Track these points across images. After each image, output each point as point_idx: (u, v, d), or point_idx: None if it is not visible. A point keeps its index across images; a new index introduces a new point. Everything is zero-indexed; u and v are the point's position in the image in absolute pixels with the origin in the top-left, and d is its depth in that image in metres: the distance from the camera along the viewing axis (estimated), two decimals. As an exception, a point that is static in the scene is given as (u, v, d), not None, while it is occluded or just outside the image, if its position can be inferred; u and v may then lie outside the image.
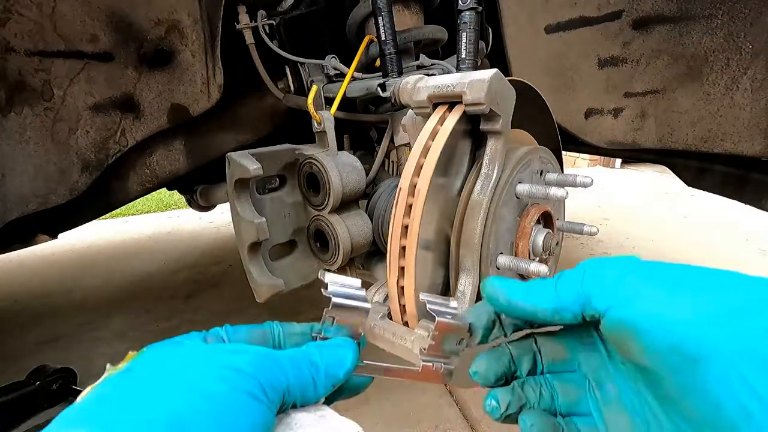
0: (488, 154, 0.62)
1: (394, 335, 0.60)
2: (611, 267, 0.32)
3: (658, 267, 0.31)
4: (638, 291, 0.30)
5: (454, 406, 1.53)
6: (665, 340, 0.27)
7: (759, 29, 0.98)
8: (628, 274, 0.31)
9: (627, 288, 0.30)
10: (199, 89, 1.07)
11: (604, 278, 0.32)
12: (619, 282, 0.31)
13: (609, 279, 0.31)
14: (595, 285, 0.32)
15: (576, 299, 0.33)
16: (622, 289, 0.30)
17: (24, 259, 3.21)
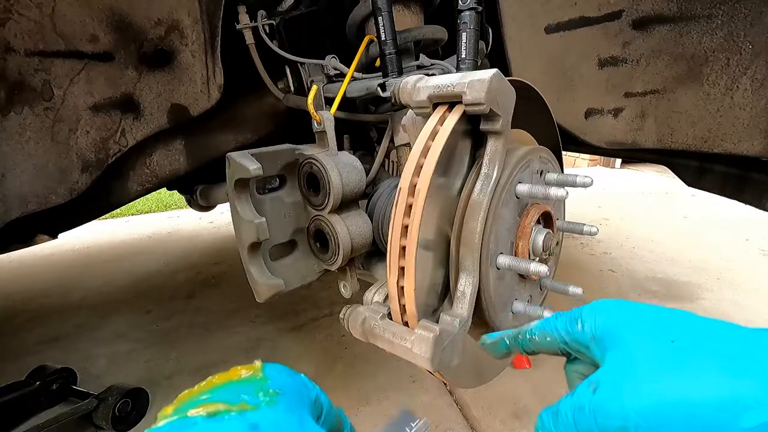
0: (488, 154, 0.62)
1: (394, 335, 0.60)
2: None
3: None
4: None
5: (454, 406, 1.53)
6: None
7: (759, 29, 0.98)
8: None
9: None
10: (199, 89, 1.07)
11: None
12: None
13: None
14: None
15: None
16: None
17: (24, 259, 3.21)
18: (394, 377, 1.66)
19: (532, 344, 0.44)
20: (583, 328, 0.39)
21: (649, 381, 0.32)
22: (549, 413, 0.38)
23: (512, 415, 1.47)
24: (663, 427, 0.30)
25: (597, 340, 0.37)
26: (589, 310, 0.39)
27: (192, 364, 1.81)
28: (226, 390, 0.38)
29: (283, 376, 0.42)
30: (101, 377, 1.74)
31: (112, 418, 1.40)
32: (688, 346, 0.32)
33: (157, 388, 1.65)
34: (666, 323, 0.35)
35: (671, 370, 0.31)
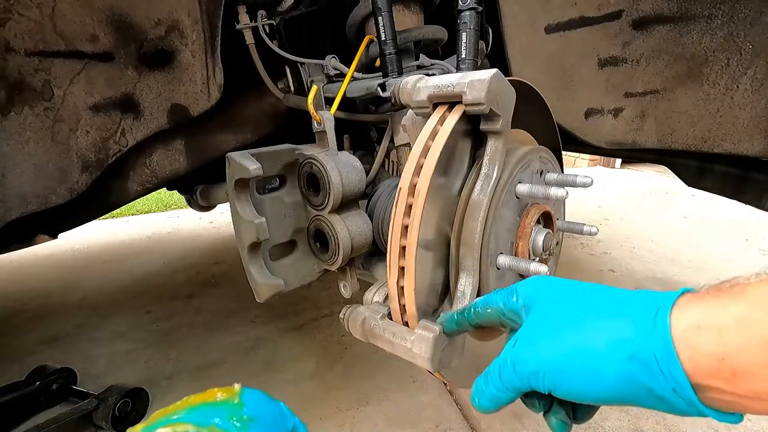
0: (488, 154, 0.62)
1: (394, 335, 0.60)
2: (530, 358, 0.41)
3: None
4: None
5: (454, 406, 1.53)
6: None
7: (759, 29, 0.98)
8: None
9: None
10: (199, 89, 1.07)
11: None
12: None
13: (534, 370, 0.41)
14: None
15: (518, 387, 0.42)
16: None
17: (24, 259, 3.21)
18: (394, 377, 1.66)
19: (475, 316, 0.50)
20: (516, 299, 0.45)
21: (554, 334, 0.40)
22: (480, 377, 0.45)
23: (512, 415, 1.47)
24: (564, 367, 0.38)
25: (525, 308, 0.44)
26: (521, 285, 0.46)
27: (192, 364, 1.81)
28: (200, 411, 0.38)
29: (260, 404, 0.42)
30: (101, 377, 1.74)
31: (112, 418, 1.40)
32: (586, 307, 0.40)
33: (157, 388, 1.64)
34: (574, 291, 0.43)
35: (571, 324, 0.39)
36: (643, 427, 1.40)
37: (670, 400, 0.34)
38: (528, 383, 0.40)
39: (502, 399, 0.43)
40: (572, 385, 0.38)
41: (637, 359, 0.34)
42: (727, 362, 0.31)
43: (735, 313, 0.31)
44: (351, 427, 1.42)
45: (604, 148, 1.32)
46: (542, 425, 1.41)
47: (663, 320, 0.34)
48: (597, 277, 2.56)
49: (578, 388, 0.38)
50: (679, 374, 0.33)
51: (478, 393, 0.44)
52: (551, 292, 0.43)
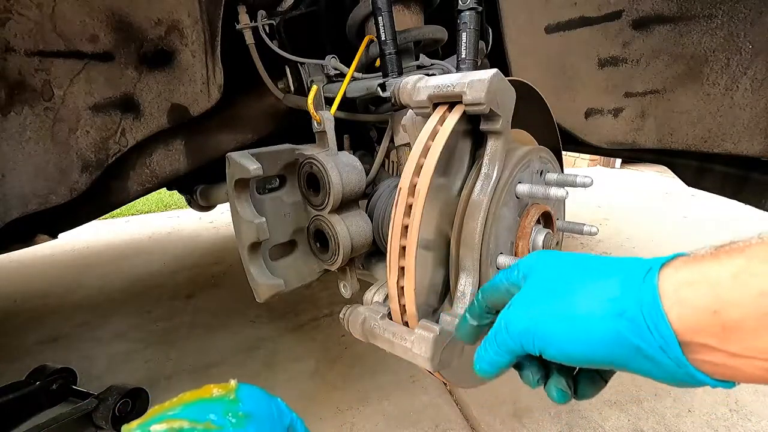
0: (488, 154, 0.62)
1: (394, 335, 0.60)
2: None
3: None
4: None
5: (454, 406, 1.53)
6: None
7: (759, 29, 0.98)
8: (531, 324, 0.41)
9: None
10: (199, 89, 1.07)
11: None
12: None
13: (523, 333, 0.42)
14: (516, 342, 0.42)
15: (513, 348, 0.43)
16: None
17: (24, 259, 3.21)
18: (394, 377, 1.66)
19: (484, 300, 0.50)
20: (518, 273, 0.46)
21: (544, 295, 0.41)
22: (481, 344, 0.46)
23: (512, 415, 1.47)
24: (553, 325, 0.38)
25: (524, 278, 0.45)
26: (522, 260, 0.48)
27: (192, 364, 1.81)
28: (196, 408, 0.38)
29: (256, 400, 0.42)
30: (101, 377, 1.74)
31: (112, 418, 1.40)
32: (578, 271, 0.41)
33: (157, 388, 1.65)
34: (569, 259, 0.43)
35: (561, 286, 0.40)
36: (643, 427, 1.40)
37: (659, 360, 0.33)
38: (520, 344, 0.41)
39: (499, 362, 0.44)
40: (560, 344, 0.38)
41: (624, 316, 0.34)
42: (718, 316, 0.30)
43: (731, 268, 0.31)
44: (351, 427, 1.42)
45: (604, 148, 1.32)
46: (542, 425, 1.41)
47: (651, 278, 0.34)
48: (597, 277, 2.56)
49: (566, 347, 0.38)
50: (666, 329, 0.32)
51: (478, 358, 0.45)
52: (547, 262, 0.44)
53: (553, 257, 0.45)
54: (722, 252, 0.33)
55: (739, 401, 1.49)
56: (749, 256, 0.31)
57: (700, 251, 0.34)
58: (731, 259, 0.31)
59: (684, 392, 1.53)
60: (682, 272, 0.33)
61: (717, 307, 0.30)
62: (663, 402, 1.49)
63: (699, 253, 0.34)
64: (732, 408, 1.46)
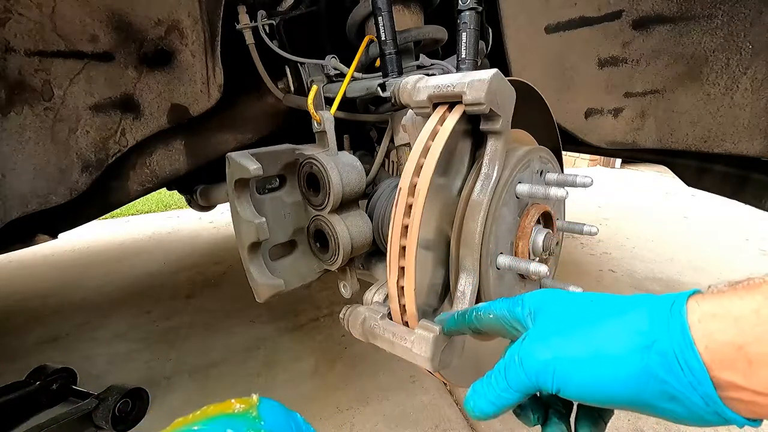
0: (488, 154, 0.62)
1: (394, 335, 0.60)
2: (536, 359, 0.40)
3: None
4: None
5: (454, 406, 1.53)
6: None
7: (759, 29, 0.98)
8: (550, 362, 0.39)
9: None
10: (199, 89, 1.07)
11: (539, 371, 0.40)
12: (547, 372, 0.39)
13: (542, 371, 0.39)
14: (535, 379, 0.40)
15: (524, 385, 0.40)
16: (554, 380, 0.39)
17: (24, 259, 3.21)
18: (394, 377, 1.66)
19: (476, 320, 0.49)
20: (522, 307, 0.45)
21: (565, 329, 0.39)
22: (479, 382, 0.44)
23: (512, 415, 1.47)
24: (575, 360, 0.36)
25: (531, 315, 0.44)
26: (529, 296, 0.46)
27: (192, 364, 1.81)
28: (219, 423, 0.39)
29: (277, 417, 0.42)
30: (101, 377, 1.74)
31: (112, 418, 1.40)
32: (598, 306, 0.39)
33: (157, 388, 1.64)
34: (584, 297, 0.42)
35: (583, 320, 0.39)
36: (643, 427, 1.39)
37: (687, 397, 0.32)
38: (536, 380, 0.39)
39: (505, 400, 0.41)
40: (583, 381, 0.36)
41: (653, 350, 0.33)
42: (743, 352, 0.30)
43: (751, 304, 0.30)
44: (351, 427, 1.42)
45: (604, 148, 1.32)
46: (542, 425, 1.41)
47: (679, 309, 0.33)
48: (597, 277, 2.56)
49: (589, 384, 0.36)
50: (697, 363, 0.31)
51: (476, 396, 0.42)
52: (560, 299, 0.43)
53: (565, 295, 0.43)
54: (741, 288, 0.32)
55: (739, 401, 1.48)
56: (766, 294, 0.30)
57: (717, 286, 0.34)
58: (751, 294, 0.31)
59: (684, 392, 1.53)
60: (704, 305, 0.32)
61: (741, 341, 0.30)
62: (663, 402, 1.49)
63: (717, 288, 0.34)
64: (732, 408, 1.46)
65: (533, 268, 0.60)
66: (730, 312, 0.31)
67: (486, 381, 0.42)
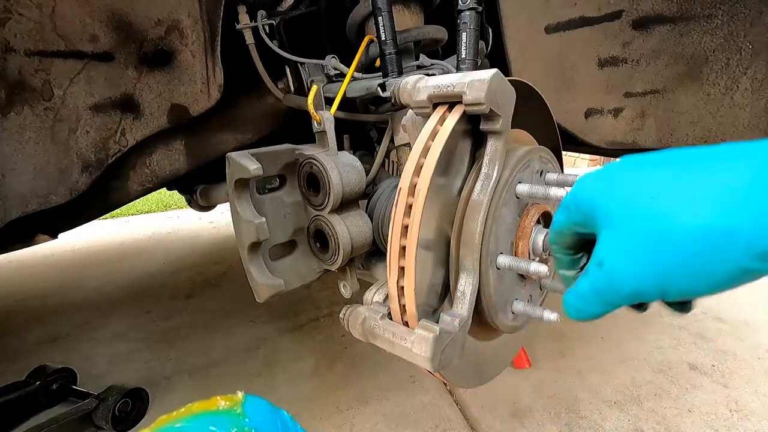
0: (488, 154, 0.62)
1: (394, 335, 0.60)
2: None
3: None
4: None
5: (454, 406, 1.53)
6: None
7: (759, 29, 0.98)
8: None
9: None
10: (199, 89, 1.07)
11: None
12: None
13: None
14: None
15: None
16: None
17: (24, 259, 3.21)
18: (394, 377, 1.67)
19: (559, 240, 0.44)
20: (574, 209, 0.39)
21: (646, 231, 0.32)
22: (573, 295, 0.39)
23: (512, 415, 1.47)
24: (683, 274, 0.30)
25: (589, 219, 0.38)
26: (570, 196, 0.40)
27: (192, 364, 1.81)
28: (203, 420, 0.39)
29: (263, 414, 0.42)
30: (101, 377, 1.74)
31: (112, 418, 1.40)
32: (669, 190, 0.31)
33: (157, 388, 1.65)
34: (642, 176, 0.34)
35: (666, 201, 0.31)
36: (643, 427, 1.40)
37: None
38: (636, 297, 0.34)
39: (604, 312, 0.37)
40: (687, 278, 0.30)
41: None
42: None
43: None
44: (351, 427, 1.42)
45: (604, 148, 1.32)
46: (542, 425, 1.41)
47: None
48: (597, 277, 2.56)
49: (694, 280, 0.30)
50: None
51: (576, 308, 0.39)
52: (613, 193, 0.35)
53: (621, 187, 0.35)
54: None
55: (739, 401, 1.48)
56: None
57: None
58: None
59: (684, 392, 1.53)
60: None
61: None
62: (663, 402, 1.49)
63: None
64: (732, 408, 1.46)
65: (533, 268, 0.60)
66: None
67: (583, 297, 0.38)
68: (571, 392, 1.55)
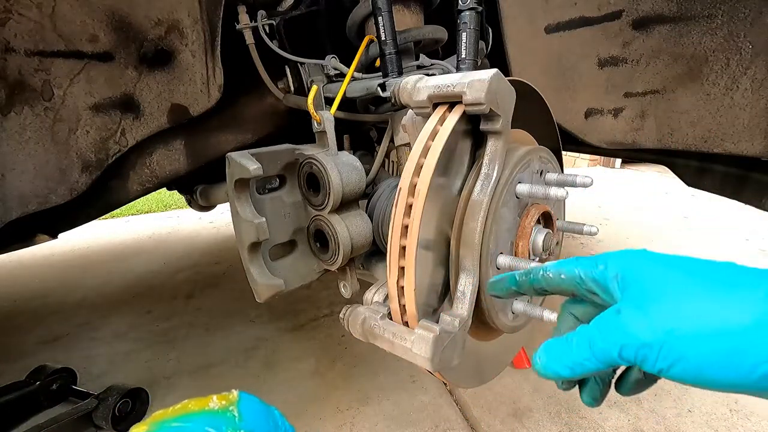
0: (488, 154, 0.62)
1: (394, 335, 0.60)
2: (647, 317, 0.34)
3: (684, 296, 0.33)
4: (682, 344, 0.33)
5: (454, 406, 1.53)
6: None
7: (759, 29, 0.98)
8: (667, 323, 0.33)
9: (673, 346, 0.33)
10: (199, 89, 1.07)
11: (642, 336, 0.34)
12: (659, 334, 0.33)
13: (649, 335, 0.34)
14: (635, 346, 0.34)
15: (613, 360, 0.36)
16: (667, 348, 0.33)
17: (24, 259, 3.21)
18: (394, 377, 1.67)
19: (544, 280, 0.44)
20: (606, 269, 0.39)
21: (677, 303, 0.33)
22: (557, 341, 0.39)
23: (512, 415, 1.47)
24: (693, 341, 0.31)
25: (619, 278, 0.38)
26: (612, 255, 0.40)
27: (192, 364, 1.81)
28: (199, 419, 0.39)
29: (256, 414, 0.42)
30: (101, 377, 1.74)
31: (112, 418, 1.40)
32: (714, 277, 0.33)
33: (157, 388, 1.65)
34: (687, 262, 0.36)
35: (698, 294, 0.32)
36: (643, 427, 1.40)
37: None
38: (633, 357, 0.34)
39: (584, 368, 0.37)
40: (701, 365, 0.31)
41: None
42: None
43: None
44: (351, 427, 1.42)
45: (604, 148, 1.32)
46: (542, 425, 1.41)
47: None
48: (597, 277, 2.56)
49: (707, 369, 0.31)
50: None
51: (551, 357, 0.39)
52: (660, 263, 0.37)
53: (662, 258, 0.37)
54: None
55: (739, 401, 1.48)
56: None
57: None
58: None
59: (684, 392, 1.53)
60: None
61: None
62: (663, 402, 1.49)
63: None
64: (732, 408, 1.46)
65: (533, 268, 0.60)
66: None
67: (566, 345, 0.39)
68: (571, 392, 1.55)
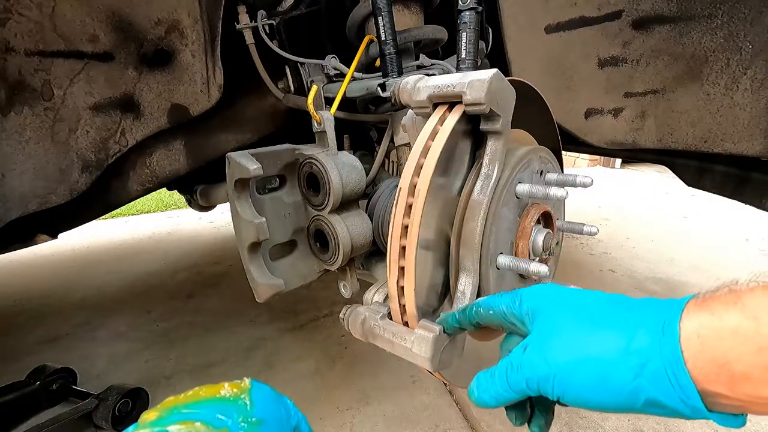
0: (488, 154, 0.62)
1: (394, 335, 0.60)
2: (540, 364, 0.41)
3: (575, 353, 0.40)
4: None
5: (454, 406, 1.53)
6: None
7: (759, 29, 0.98)
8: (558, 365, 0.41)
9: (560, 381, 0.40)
10: (199, 89, 1.07)
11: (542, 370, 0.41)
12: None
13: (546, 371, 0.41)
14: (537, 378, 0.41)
15: (524, 390, 0.43)
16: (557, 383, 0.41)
17: (24, 259, 3.21)
18: (394, 377, 1.66)
19: (477, 316, 0.51)
20: (520, 305, 0.46)
21: (565, 341, 0.41)
22: (485, 374, 0.46)
23: (512, 415, 1.47)
24: (575, 373, 0.39)
25: (530, 315, 0.45)
26: (526, 292, 0.47)
27: (192, 364, 1.81)
28: (210, 407, 0.39)
29: (268, 402, 0.42)
30: (101, 377, 1.74)
31: (112, 418, 1.40)
32: (595, 315, 0.41)
33: (157, 388, 1.64)
34: (581, 299, 0.44)
35: (581, 332, 0.40)
36: (643, 427, 1.40)
37: (675, 408, 0.35)
38: (537, 388, 0.41)
39: (504, 398, 0.44)
40: (581, 392, 0.39)
41: (648, 369, 0.36)
42: (726, 368, 0.33)
43: (729, 323, 0.33)
44: (351, 427, 1.42)
45: (604, 148, 1.32)
46: (542, 425, 1.41)
47: (672, 331, 0.35)
48: (597, 277, 2.56)
49: (586, 394, 0.39)
50: (688, 385, 0.34)
51: (481, 388, 0.45)
52: (558, 300, 0.44)
53: (564, 296, 0.45)
54: (721, 301, 0.34)
55: (739, 401, 1.48)
56: (743, 311, 0.33)
57: (708, 293, 0.36)
58: (729, 313, 0.33)
59: (684, 392, 1.53)
60: (692, 322, 0.35)
61: (724, 360, 0.33)
62: (663, 402, 1.49)
63: (708, 295, 0.36)
64: (732, 408, 1.46)
65: (533, 268, 0.60)
66: (714, 331, 0.34)
67: (489, 377, 0.45)
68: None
